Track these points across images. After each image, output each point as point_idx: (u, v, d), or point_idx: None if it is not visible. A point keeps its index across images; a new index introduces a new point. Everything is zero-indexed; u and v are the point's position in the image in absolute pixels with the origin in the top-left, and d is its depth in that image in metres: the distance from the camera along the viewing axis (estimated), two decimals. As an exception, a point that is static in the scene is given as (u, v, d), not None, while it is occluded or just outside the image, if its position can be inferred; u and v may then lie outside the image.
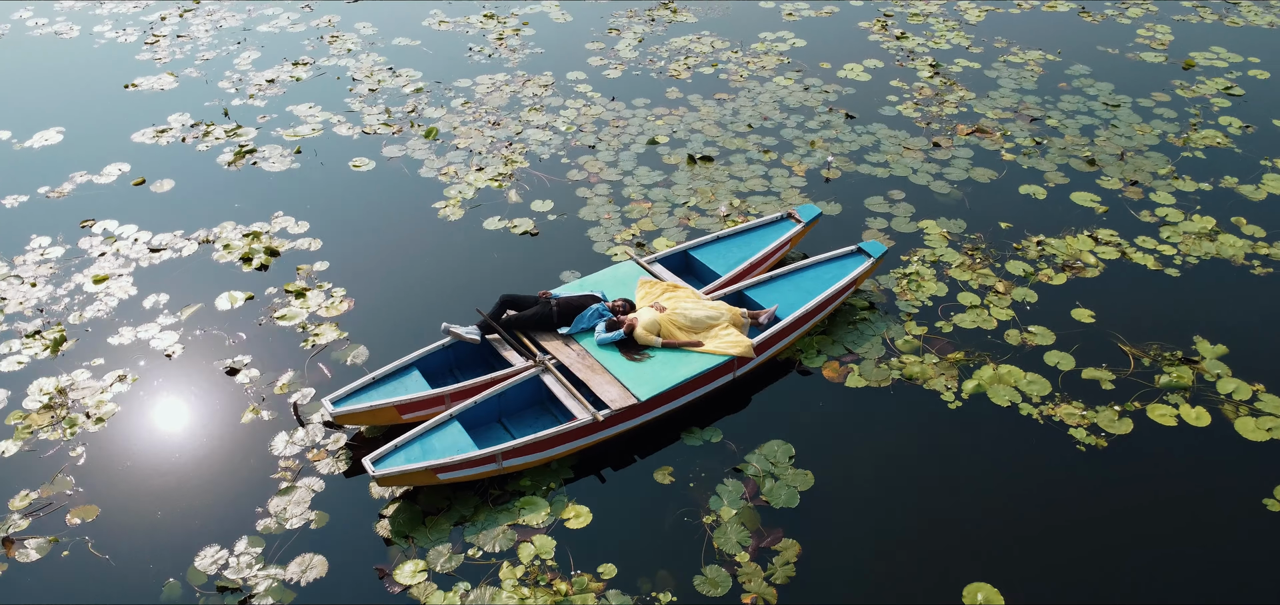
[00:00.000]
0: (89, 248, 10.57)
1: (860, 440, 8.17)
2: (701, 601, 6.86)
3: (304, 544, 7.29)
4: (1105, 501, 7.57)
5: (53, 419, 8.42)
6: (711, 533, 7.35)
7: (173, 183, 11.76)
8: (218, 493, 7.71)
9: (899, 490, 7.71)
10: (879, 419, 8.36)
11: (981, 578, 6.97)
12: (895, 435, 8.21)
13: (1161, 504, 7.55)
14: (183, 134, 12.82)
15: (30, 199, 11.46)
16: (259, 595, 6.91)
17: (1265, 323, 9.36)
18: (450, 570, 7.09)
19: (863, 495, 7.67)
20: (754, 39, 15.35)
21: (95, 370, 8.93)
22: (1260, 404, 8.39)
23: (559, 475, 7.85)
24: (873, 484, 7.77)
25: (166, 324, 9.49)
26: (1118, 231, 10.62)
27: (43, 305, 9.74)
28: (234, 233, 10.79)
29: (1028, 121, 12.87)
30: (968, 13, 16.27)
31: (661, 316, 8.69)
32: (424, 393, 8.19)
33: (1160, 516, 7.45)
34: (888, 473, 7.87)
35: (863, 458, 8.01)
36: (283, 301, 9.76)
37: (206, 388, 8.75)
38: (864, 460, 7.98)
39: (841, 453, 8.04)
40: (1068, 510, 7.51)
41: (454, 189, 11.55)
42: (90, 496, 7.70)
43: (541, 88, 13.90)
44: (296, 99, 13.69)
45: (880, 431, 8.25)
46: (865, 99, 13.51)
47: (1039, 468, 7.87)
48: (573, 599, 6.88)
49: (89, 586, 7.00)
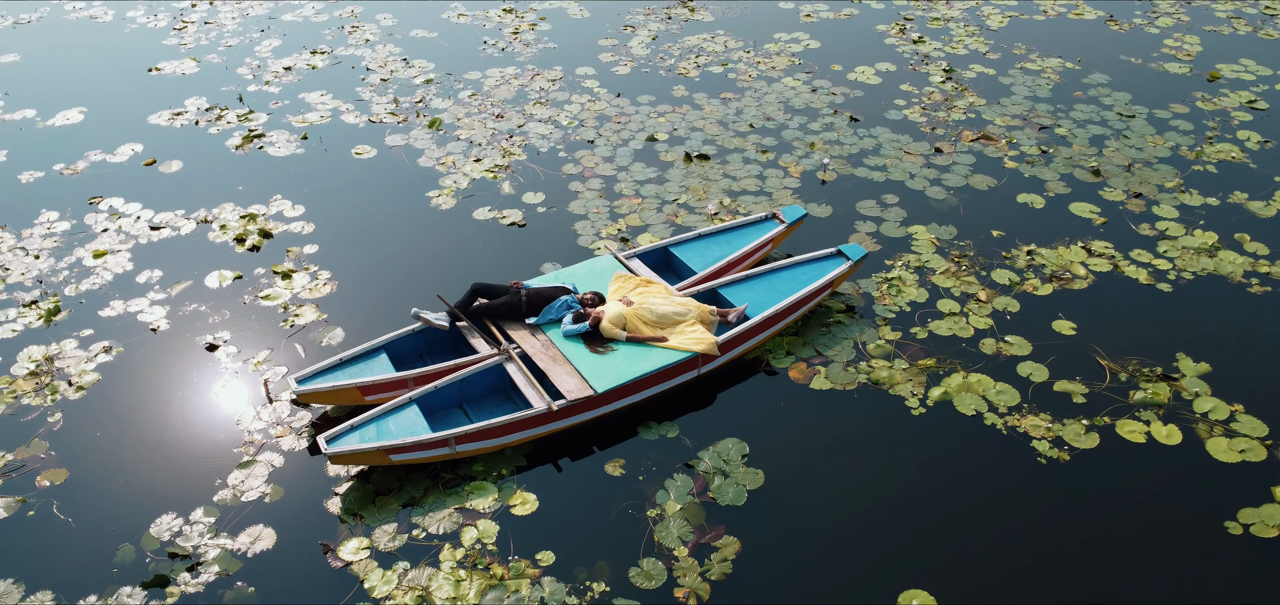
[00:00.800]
0: (94, 224, 10.94)
1: (817, 442, 8.12)
2: (634, 593, 6.88)
3: (257, 516, 7.47)
4: (1059, 516, 7.42)
5: (36, 385, 8.74)
6: (654, 526, 7.36)
7: (181, 164, 12.11)
8: (182, 463, 7.93)
9: (848, 494, 7.65)
10: (839, 422, 8.30)
11: (920, 586, 6.88)
12: (853, 439, 8.14)
13: (1118, 522, 7.37)
14: (197, 117, 13.19)
15: (45, 175, 11.89)
16: (206, 563, 7.11)
17: (1253, 342, 9.08)
18: (393, 549, 7.21)
19: (811, 497, 7.62)
20: (768, 39, 15.29)
21: (83, 341, 9.24)
22: (1236, 425, 8.14)
23: (512, 462, 7.93)
24: (823, 486, 7.72)
25: (157, 299, 9.79)
26: (1113, 244, 10.38)
27: (43, 277, 10.11)
28: (232, 214, 11.07)
29: (1036, 129, 12.63)
30: (990, 18, 16.00)
31: (628, 311, 8.73)
32: (388, 376, 8.33)
33: (1114, 534, 7.27)
34: (840, 476, 7.80)
35: (817, 460, 7.95)
36: (269, 282, 10.00)
37: (185, 362, 9.00)
38: (818, 462, 7.93)
39: (796, 454, 8.00)
40: (1018, 523, 7.38)
41: (449, 179, 11.72)
42: (61, 461, 7.98)
43: (549, 82, 14.01)
44: (310, 87, 13.99)
45: (838, 435, 8.18)
46: (872, 102, 13.38)
47: (995, 479, 7.74)
48: (508, 584, 6.95)
49: (49, 547, 7.26)
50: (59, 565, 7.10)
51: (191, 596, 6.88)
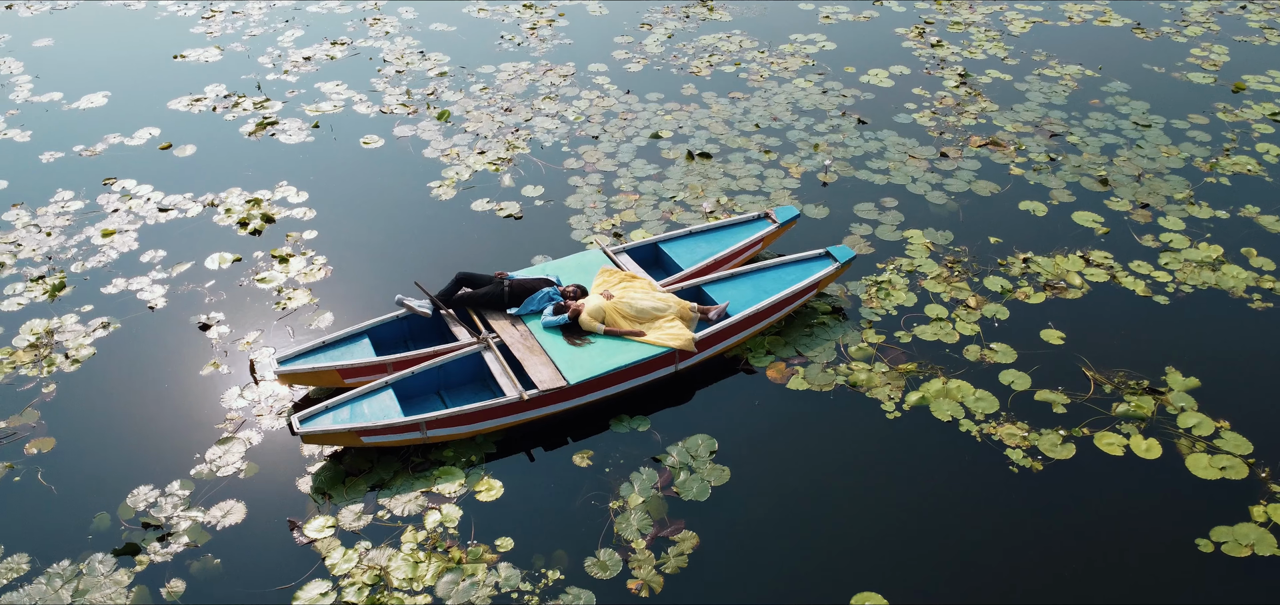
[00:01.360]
0: (105, 204, 11.26)
1: (787, 442, 8.09)
2: (588, 583, 6.92)
3: (230, 491, 7.65)
4: (1025, 526, 7.32)
5: (35, 357, 9.03)
6: (615, 518, 7.40)
7: (195, 148, 12.41)
8: (164, 437, 8.14)
9: (813, 495, 7.62)
10: (812, 423, 8.26)
11: (875, 588, 6.83)
12: (825, 441, 8.10)
13: (1085, 533, 7.25)
14: (215, 104, 13.50)
15: (65, 156, 12.26)
16: (177, 534, 7.30)
17: (1247, 358, 8.86)
18: (357, 529, 7.34)
19: (775, 496, 7.60)
20: (784, 40, 15.24)
21: (83, 316, 9.53)
22: (1220, 441, 7.96)
23: (482, 449, 8.02)
24: (789, 486, 7.69)
25: (158, 278, 10.05)
26: (1113, 254, 10.19)
27: (52, 254, 10.43)
28: (238, 198, 11.32)
29: (1047, 137, 12.44)
30: (1012, 24, 15.77)
31: (607, 304, 8.77)
32: (368, 360, 8.47)
33: (1080, 546, 7.16)
34: (806, 476, 7.77)
35: (786, 460, 7.93)
36: (266, 265, 10.22)
37: (178, 340, 9.23)
38: (786, 462, 7.90)
39: (765, 452, 7.98)
40: (982, 531, 7.29)
41: (452, 170, 11.86)
42: (50, 430, 8.24)
43: (560, 77, 14.11)
44: (326, 77, 14.25)
45: (811, 436, 8.15)
46: (882, 105, 13.27)
47: (963, 486, 7.66)
48: (465, 567, 7.04)
49: (30, 512, 7.50)
50: (38, 530, 7.34)
51: (159, 565, 7.07)
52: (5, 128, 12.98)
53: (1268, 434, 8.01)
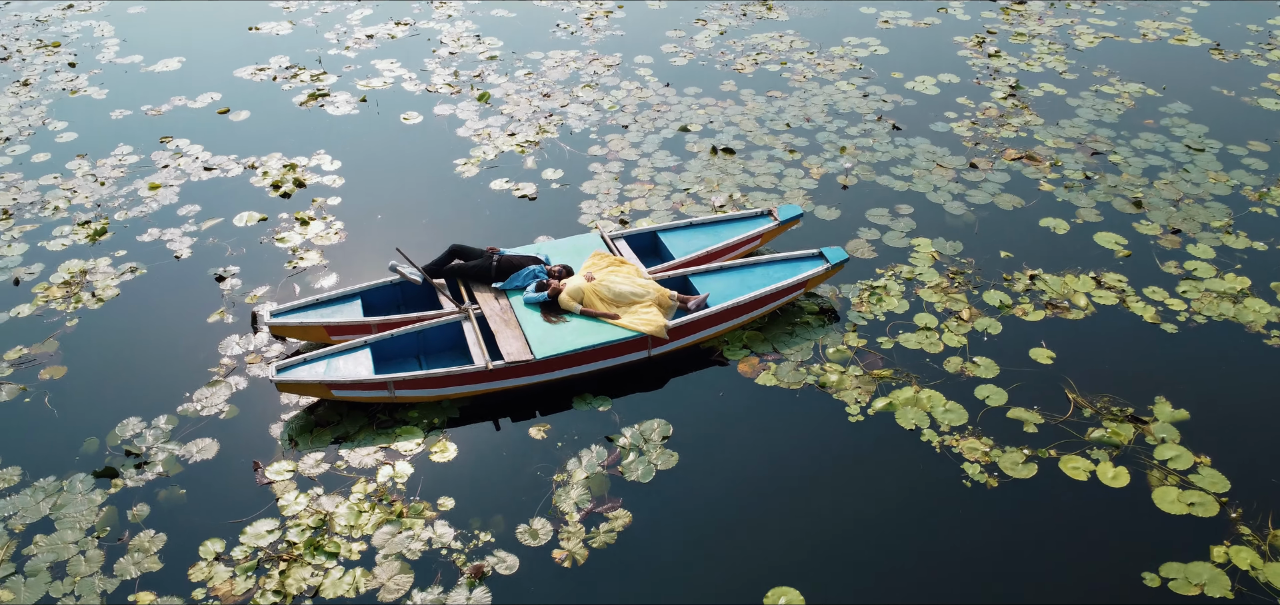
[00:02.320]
0: (158, 160, 12.05)
1: (741, 435, 8.10)
2: (516, 548, 7.12)
3: (208, 430, 8.15)
4: (965, 540, 7.15)
5: (66, 293, 9.77)
6: (556, 490, 7.58)
7: (248, 114, 13.14)
8: (161, 375, 8.72)
9: (753, 487, 7.62)
10: (771, 418, 8.25)
11: (793, 584, 6.81)
12: (780, 437, 8.08)
13: (1024, 555, 7.04)
14: (275, 74, 14.25)
15: (132, 114, 13.17)
16: (153, 464, 7.83)
17: (1246, 396, 8.40)
18: (314, 476, 7.72)
19: (716, 486, 7.64)
20: (837, 42, 15.08)
21: (116, 260, 10.25)
22: (1196, 477, 7.59)
23: (447, 413, 8.31)
24: (731, 477, 7.71)
25: (188, 231, 10.72)
26: (1128, 278, 9.78)
27: (102, 202, 11.25)
28: (276, 163, 11.95)
29: (1088, 154, 11.98)
30: (1080, 38, 15.20)
31: (586, 286, 8.95)
32: (355, 320, 8.87)
33: (1016, 566, 6.96)
34: (752, 469, 7.78)
35: (735, 451, 7.95)
36: (288, 226, 10.77)
37: (194, 288, 9.84)
38: (735, 454, 7.92)
39: (717, 443, 8.02)
40: (917, 540, 7.16)
41: (480, 149, 12.23)
42: (63, 360, 8.93)
43: (605, 67, 14.33)
44: (383, 55, 14.84)
45: (766, 430, 8.14)
46: (922, 113, 13.02)
47: (908, 494, 7.53)
48: (404, 521, 7.33)
49: (31, 430, 8.17)
50: (34, 447, 7.98)
51: (132, 490, 7.60)
52: (87, 85, 14.01)
53: (1249, 475, 7.60)
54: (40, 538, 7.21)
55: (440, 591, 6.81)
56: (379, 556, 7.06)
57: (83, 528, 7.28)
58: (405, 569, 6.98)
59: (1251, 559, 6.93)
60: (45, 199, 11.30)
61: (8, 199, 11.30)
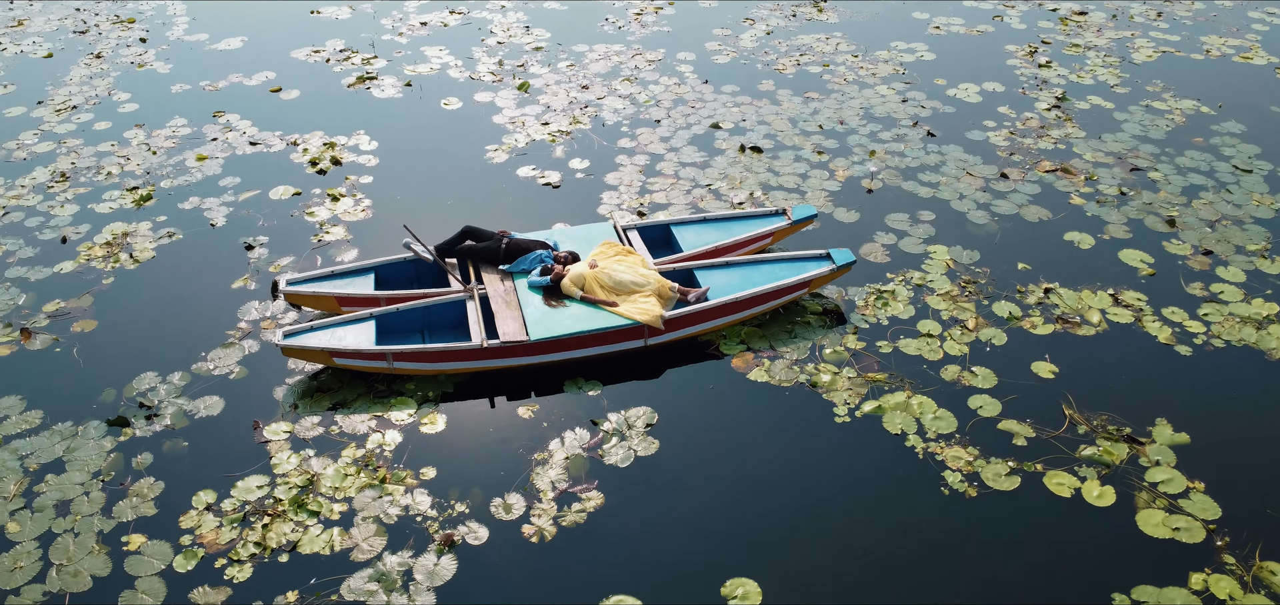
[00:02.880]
0: (208, 133, 12.63)
1: (724, 428, 8.16)
2: (488, 520, 7.31)
3: (217, 388, 8.56)
4: (930, 547, 7.08)
5: (107, 253, 10.34)
6: (535, 468, 7.75)
7: (298, 93, 13.65)
8: (181, 334, 9.17)
9: (728, 480, 7.66)
10: (757, 414, 8.28)
11: (751, 576, 6.84)
12: (762, 432, 8.10)
13: (990, 566, 6.94)
14: (329, 57, 14.76)
15: (190, 88, 13.81)
16: (161, 416, 8.25)
17: (1252, 423, 8.10)
18: (308, 438, 8.05)
19: (692, 476, 7.71)
20: (883, 46, 14.93)
21: (156, 224, 10.80)
22: (1186, 502, 7.37)
23: (442, 387, 8.56)
24: (708, 468, 7.77)
25: (226, 201, 11.22)
26: (1148, 297, 9.51)
27: (151, 170, 11.85)
28: (317, 141, 12.41)
29: (1127, 170, 11.65)
30: (1139, 52, 14.74)
31: (588, 272, 9.10)
32: (365, 292, 9.19)
33: (980, 577, 6.87)
34: (729, 462, 7.82)
35: (716, 443, 8.00)
36: (320, 201, 11.19)
37: (223, 255, 10.31)
38: (715, 446, 7.98)
39: (699, 434, 8.09)
40: (883, 542, 7.12)
41: (512, 137, 12.49)
42: (95, 314, 9.46)
43: (646, 62, 14.47)
44: (434, 42, 15.25)
45: (750, 425, 8.17)
46: (959, 120, 12.82)
47: (882, 497, 7.48)
48: (385, 487, 7.60)
49: (56, 378, 8.69)
50: (57, 394, 8.49)
51: (139, 439, 8.04)
52: (153, 60, 14.74)
53: (1243, 504, 7.35)
54: (51, 477, 7.68)
55: (409, 555, 7.04)
56: (357, 518, 7.33)
57: (90, 471, 7.73)
58: (380, 532, 7.23)
59: (1231, 588, 6.72)
60: (100, 164, 11.95)
61: (67, 163, 11.98)
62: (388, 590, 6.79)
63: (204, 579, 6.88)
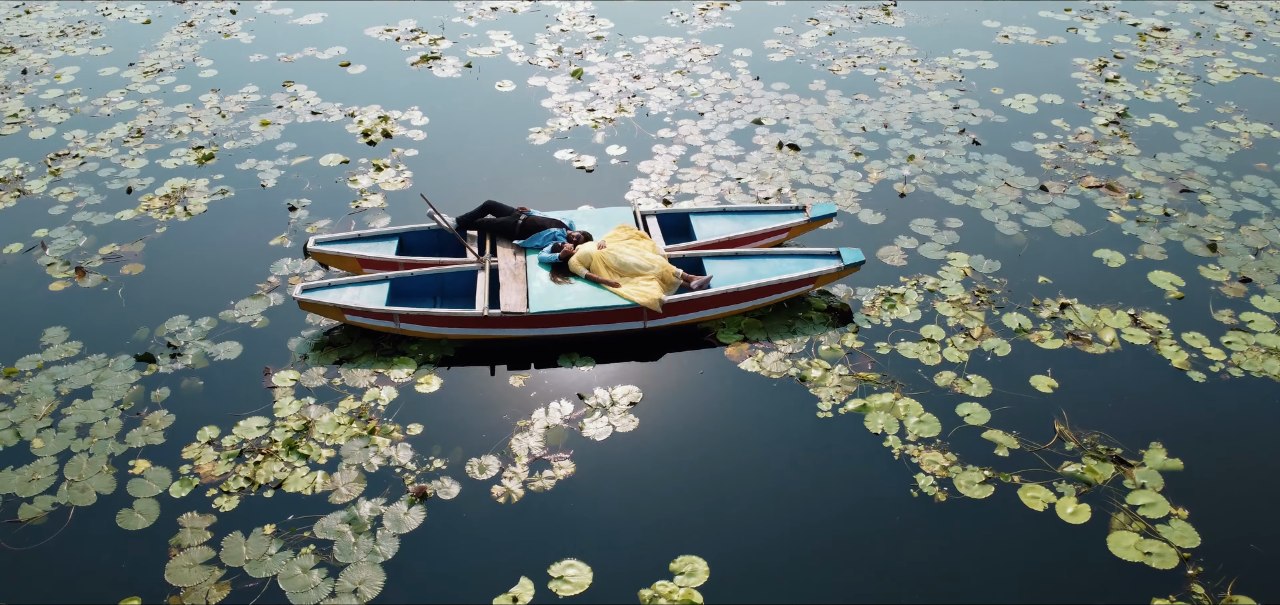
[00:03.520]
0: (275, 101, 13.36)
1: (706, 413, 8.27)
2: (462, 477, 7.63)
3: (238, 335, 9.12)
4: (886, 546, 7.07)
5: (164, 204, 11.09)
6: (516, 434, 8.03)
7: (365, 68, 14.30)
8: (216, 283, 9.79)
9: (698, 462, 7.78)
10: (740, 403, 8.36)
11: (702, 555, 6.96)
12: (741, 420, 8.19)
13: (941, 571, 6.88)
14: (399, 35, 15.38)
15: (267, 59, 14.61)
16: (184, 356, 8.86)
17: (1252, 456, 7.77)
18: (311, 388, 8.52)
19: (663, 455, 7.85)
20: (946, 53, 14.69)
21: (212, 182, 11.52)
22: (1164, 528, 7.15)
23: (443, 350, 8.92)
24: (680, 449, 7.90)
25: (279, 164, 11.88)
26: (1171, 320, 9.18)
27: (217, 132, 12.62)
28: (373, 114, 12.99)
29: (1178, 191, 11.21)
30: (1218, 71, 14.10)
31: (595, 252, 9.33)
32: (386, 256, 9.64)
33: (929, 581, 6.82)
34: (702, 445, 7.93)
35: (693, 426, 8.13)
36: (364, 170, 11.73)
37: (267, 213, 10.93)
38: (693, 429, 8.10)
39: (679, 416, 8.22)
40: (839, 536, 7.14)
41: (557, 121, 12.81)
42: (143, 259, 10.18)
43: (701, 56, 14.60)
44: (500, 27, 15.72)
45: (731, 413, 8.27)
46: (1009, 130, 12.54)
47: (848, 493, 7.48)
48: (373, 438, 8.00)
49: (99, 314, 9.41)
50: (97, 329, 9.20)
51: (161, 375, 8.65)
52: (239, 30, 15.63)
53: (1225, 536, 7.09)
54: (78, 402, 8.35)
55: (383, 503, 7.42)
56: (342, 465, 7.75)
57: (113, 400, 8.37)
58: (360, 479, 7.63)
59: (1193, 618, 6.52)
60: (173, 124, 12.79)
61: (144, 121, 12.87)
62: (357, 533, 7.18)
63: (194, 506, 7.40)
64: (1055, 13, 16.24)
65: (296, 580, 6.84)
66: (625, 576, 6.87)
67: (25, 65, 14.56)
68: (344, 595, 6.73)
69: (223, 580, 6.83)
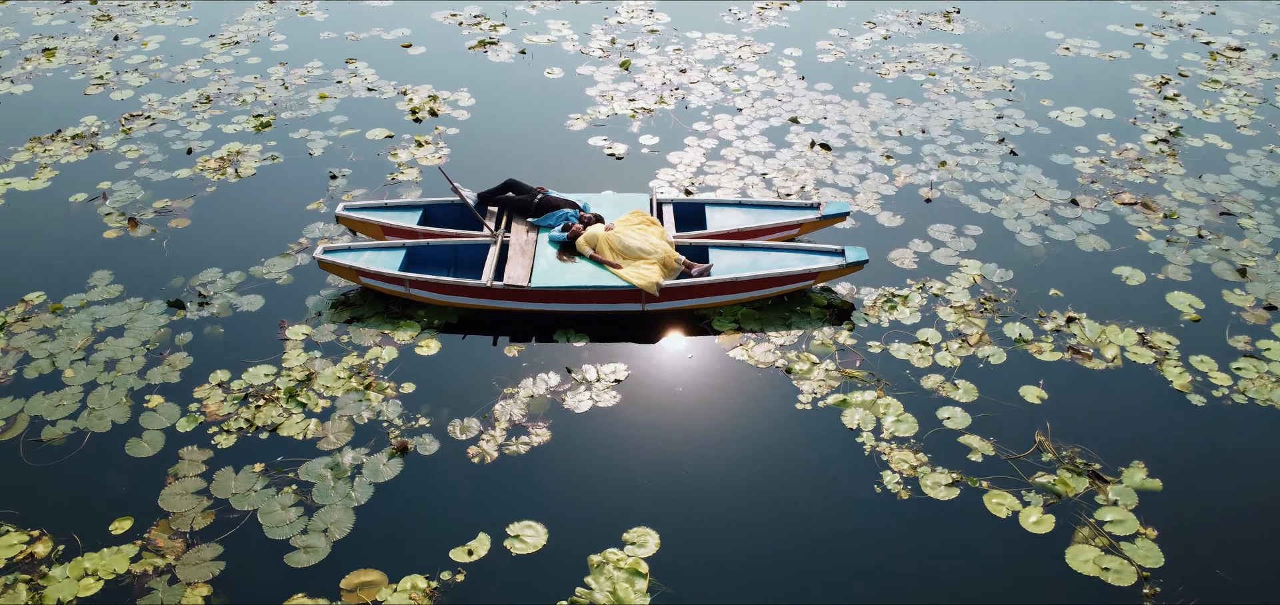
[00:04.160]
0: (335, 76, 14.04)
1: (687, 395, 8.44)
2: (443, 437, 8.00)
3: (262, 289, 9.71)
4: (838, 537, 7.14)
5: (218, 166, 11.83)
6: (502, 400, 8.36)
7: (424, 50, 14.88)
8: (251, 240, 10.42)
9: (669, 441, 7.96)
10: (722, 387, 8.51)
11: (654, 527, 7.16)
12: (720, 404, 8.33)
13: (889, 568, 6.91)
14: (462, 20, 15.94)
15: (335, 37, 15.35)
16: (211, 304, 9.49)
17: (1239, 485, 7.53)
18: (320, 342, 9.03)
19: (637, 431, 8.06)
20: (1001, 63, 14.45)
21: (265, 148, 12.22)
22: (1129, 546, 7.02)
23: (447, 317, 9.33)
24: (656, 428, 8.09)
25: (329, 135, 12.51)
26: (1181, 342, 8.94)
27: (278, 102, 13.35)
28: (423, 93, 13.54)
29: (1218, 213, 10.85)
30: (1289, 95, 13.53)
31: (601, 234, 9.61)
32: (408, 225, 10.11)
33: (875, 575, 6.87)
34: (677, 426, 8.11)
35: (673, 407, 8.31)
36: (406, 146, 12.26)
37: (309, 179, 11.55)
38: (671, 410, 8.28)
39: (661, 396, 8.42)
40: (793, 522, 7.23)
41: (596, 109, 13.12)
42: (190, 215, 10.90)
43: (751, 54, 14.71)
44: (559, 16, 16.13)
45: (712, 397, 8.42)
46: (1050, 142, 12.30)
47: (809, 483, 7.56)
48: (367, 394, 8.44)
49: (142, 261, 10.12)
50: (138, 274, 9.91)
51: (188, 321, 9.29)
52: (315, 9, 16.44)
53: (1192, 560, 6.92)
54: (110, 339, 9.05)
55: (366, 453, 7.84)
56: (334, 415, 8.21)
57: (141, 339, 9.04)
58: (349, 429, 8.07)
59: (1138, 636, 6.41)
60: (239, 93, 13.58)
61: (214, 88, 13.70)
62: (337, 478, 7.62)
63: (195, 441, 7.96)
64: (1125, 27, 15.78)
65: (274, 516, 7.31)
66: (579, 541, 7.11)
67: (118, 32, 15.63)
68: (314, 533, 7.17)
69: (208, 510, 7.35)
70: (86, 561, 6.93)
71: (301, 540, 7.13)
